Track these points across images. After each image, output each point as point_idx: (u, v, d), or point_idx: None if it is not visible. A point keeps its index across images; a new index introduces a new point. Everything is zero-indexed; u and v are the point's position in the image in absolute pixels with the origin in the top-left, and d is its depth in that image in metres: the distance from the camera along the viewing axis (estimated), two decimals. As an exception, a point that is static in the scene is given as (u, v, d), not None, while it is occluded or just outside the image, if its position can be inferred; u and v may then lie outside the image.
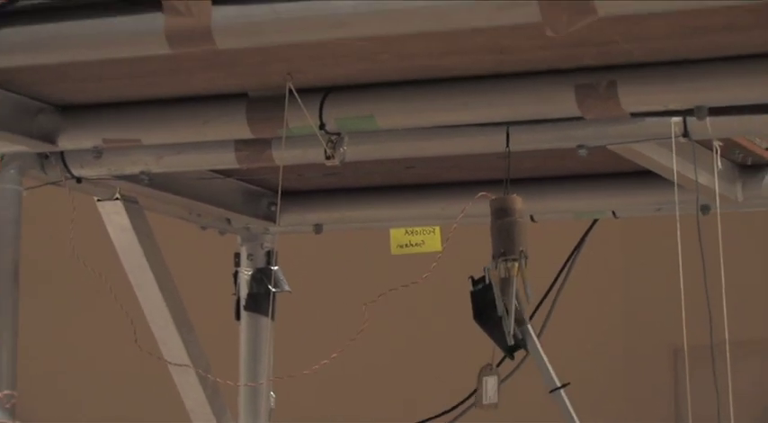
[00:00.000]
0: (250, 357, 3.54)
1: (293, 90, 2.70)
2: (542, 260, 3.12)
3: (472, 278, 3.43)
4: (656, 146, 2.93)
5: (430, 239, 3.40)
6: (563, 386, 3.53)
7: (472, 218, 3.04)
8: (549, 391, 3.56)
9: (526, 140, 2.87)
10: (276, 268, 3.54)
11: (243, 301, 3.56)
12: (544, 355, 3.54)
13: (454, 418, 3.47)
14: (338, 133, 2.80)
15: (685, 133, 2.85)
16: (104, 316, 3.30)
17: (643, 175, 3.18)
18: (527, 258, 2.88)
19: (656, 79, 2.67)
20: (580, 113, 2.69)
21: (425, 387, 3.85)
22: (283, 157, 2.93)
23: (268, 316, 3.53)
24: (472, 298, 3.45)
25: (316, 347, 3.22)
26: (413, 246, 3.41)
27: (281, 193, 3.29)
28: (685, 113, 2.78)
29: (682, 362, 2.75)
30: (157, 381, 3.54)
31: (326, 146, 2.81)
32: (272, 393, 3.53)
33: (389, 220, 3.50)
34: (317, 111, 2.76)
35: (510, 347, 3.45)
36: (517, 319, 3.31)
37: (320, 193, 3.53)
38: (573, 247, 3.45)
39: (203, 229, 3.57)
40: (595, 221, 3.46)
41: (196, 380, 3.34)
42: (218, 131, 2.89)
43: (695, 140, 2.92)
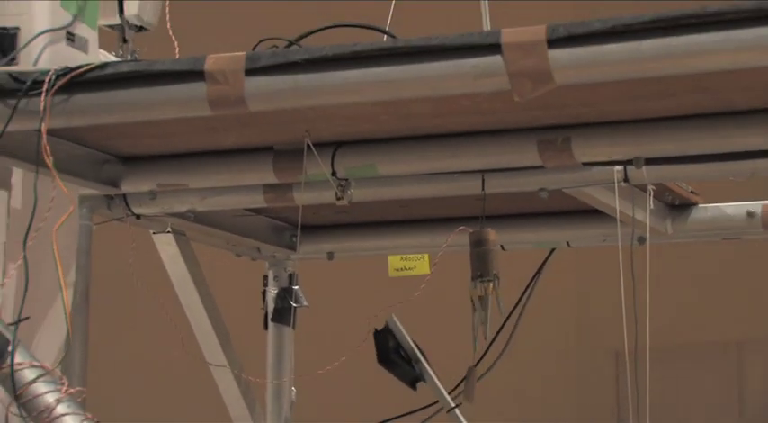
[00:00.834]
0: (275, 360, 3.53)
1: (311, 145, 2.67)
2: (511, 281, 3.10)
3: (376, 329, 3.49)
4: (603, 189, 2.92)
5: (420, 264, 3.40)
6: (456, 406, 3.53)
7: (455, 247, 3.01)
8: (447, 411, 3.55)
9: (498, 185, 2.87)
10: (297, 288, 3.53)
11: (270, 315, 3.54)
12: (438, 383, 3.57)
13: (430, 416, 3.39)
14: (346, 179, 2.77)
15: (625, 179, 2.83)
16: (155, 327, 3.24)
17: (591, 213, 3.16)
18: (499, 279, 2.84)
19: (602, 136, 2.66)
20: (541, 163, 2.67)
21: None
22: (302, 198, 2.93)
23: (290, 326, 3.53)
24: (375, 343, 3.52)
25: (329, 351, 3.17)
26: (407, 269, 3.42)
27: (300, 227, 3.27)
28: (626, 163, 2.77)
29: (623, 365, 2.71)
30: (200, 382, 3.46)
31: (337, 189, 2.78)
32: (293, 388, 3.50)
33: (388, 249, 3.49)
34: (329, 161, 2.73)
35: (412, 381, 3.52)
36: (414, 359, 3.48)
37: (332, 227, 3.53)
38: (535, 271, 3.43)
39: (238, 256, 3.54)
40: (553, 250, 3.42)
41: (232, 378, 3.33)
42: (250, 178, 2.89)
43: (633, 185, 2.92)
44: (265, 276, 3.58)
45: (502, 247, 3.04)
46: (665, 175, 2.91)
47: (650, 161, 2.71)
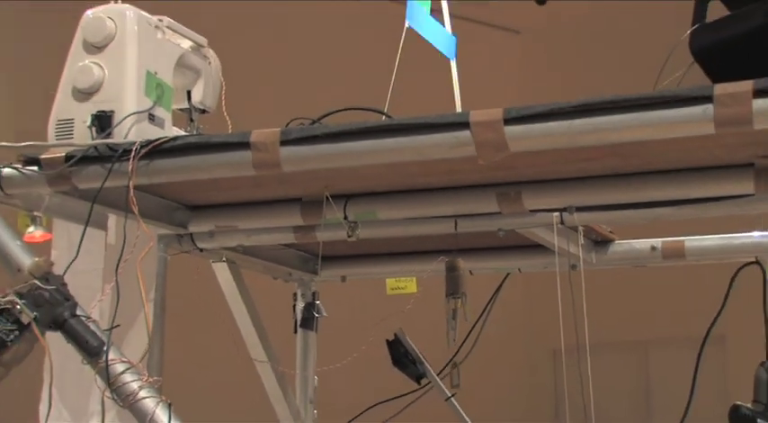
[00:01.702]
0: (302, 356, 3.53)
1: (329, 197, 2.68)
2: (476, 297, 3.11)
3: (388, 340, 3.48)
4: (545, 229, 2.89)
5: (410, 285, 3.38)
6: (452, 396, 3.48)
7: (435, 272, 3.02)
8: (445, 400, 3.50)
9: (467, 226, 2.85)
10: (318, 302, 3.54)
11: (298, 322, 3.54)
12: (438, 378, 3.49)
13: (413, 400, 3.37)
14: (355, 222, 2.76)
15: (562, 222, 2.80)
16: (214, 333, 3.22)
17: (537, 247, 3.12)
18: (466, 296, 2.85)
19: (545, 190, 2.66)
20: (499, 210, 2.68)
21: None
22: (322, 236, 2.93)
23: (314, 331, 3.54)
24: (389, 350, 3.48)
25: (343, 349, 3.18)
26: (400, 289, 3.39)
27: (320, 257, 3.29)
28: (562, 210, 2.76)
29: (560, 360, 2.68)
30: (247, 374, 3.45)
31: (348, 229, 2.77)
32: (315, 377, 3.54)
33: (386, 273, 3.46)
34: (342, 208, 2.73)
35: (417, 377, 3.48)
36: (418, 361, 3.45)
37: (344, 257, 3.52)
38: (495, 290, 3.39)
39: (274, 279, 3.53)
40: (508, 275, 3.40)
41: (271, 370, 3.33)
42: (284, 221, 2.89)
43: (567, 226, 2.89)
44: (295, 294, 3.57)
45: (470, 272, 3.05)
46: (590, 220, 2.91)
47: (580, 209, 2.71)
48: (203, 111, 3.00)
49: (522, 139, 2.23)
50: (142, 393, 2.35)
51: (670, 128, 2.12)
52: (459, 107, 3.07)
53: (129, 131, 2.64)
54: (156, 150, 2.50)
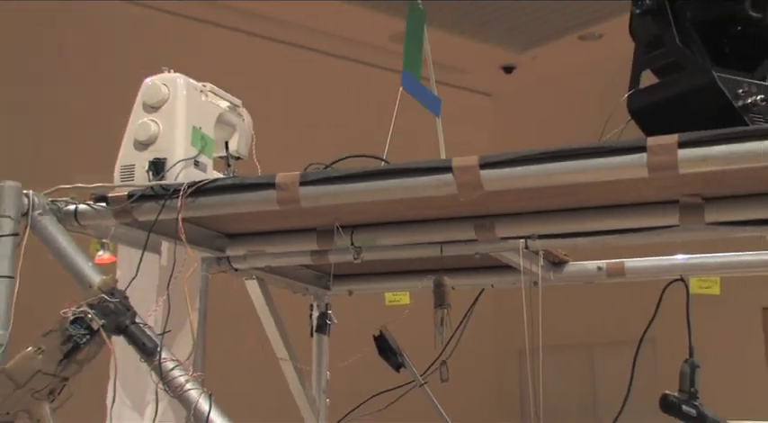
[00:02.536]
0: (317, 355, 3.50)
1: (338, 227, 2.67)
2: (457, 307, 3.05)
3: (374, 335, 3.42)
4: (513, 253, 2.87)
5: (404, 298, 3.36)
6: (425, 383, 3.43)
7: (425, 288, 3.01)
8: (419, 386, 3.42)
9: (450, 250, 2.82)
10: (330, 312, 3.51)
11: (314, 328, 3.51)
12: (414, 368, 3.44)
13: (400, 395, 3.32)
14: (359, 247, 2.74)
15: (527, 247, 2.78)
16: (246, 337, 3.21)
17: (506, 267, 3.12)
18: (450, 307, 2.83)
19: (513, 221, 2.63)
20: (476, 238, 2.66)
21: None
22: (333, 258, 2.92)
23: (326, 335, 3.51)
24: (376, 344, 3.43)
25: (350, 350, 3.17)
26: (396, 301, 3.37)
27: (332, 275, 3.33)
28: (527, 238, 2.73)
29: (524, 359, 2.67)
30: (273, 370, 3.41)
31: (354, 253, 2.75)
32: (327, 372, 3.50)
33: (385, 288, 3.43)
34: (349, 236, 2.70)
35: (397, 367, 3.44)
36: (398, 353, 3.41)
37: (351, 275, 3.48)
38: (472, 302, 3.34)
39: (295, 293, 3.49)
40: (483, 290, 3.37)
41: (292, 367, 3.29)
42: (303, 246, 2.85)
43: (531, 250, 2.88)
44: (311, 305, 3.54)
45: (452, 287, 2.99)
46: (549, 245, 2.88)
47: (541, 236, 2.70)
48: (238, 158, 3.00)
49: (495, 180, 2.23)
50: (188, 386, 2.33)
51: (613, 172, 2.12)
52: (443, 154, 3.07)
53: (179, 175, 2.65)
54: (200, 190, 2.50)
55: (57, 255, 2.56)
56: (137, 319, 2.35)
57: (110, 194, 2.62)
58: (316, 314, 3.53)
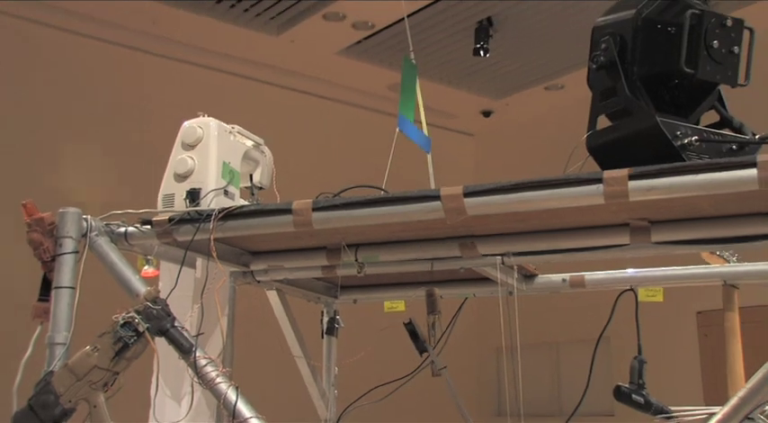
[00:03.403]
0: (327, 353, 3.44)
1: (345, 246, 2.66)
2: (446, 313, 3.04)
3: (404, 322, 3.28)
4: (492, 267, 2.85)
5: (400, 306, 3.33)
6: (443, 367, 3.19)
7: (418, 297, 3.03)
8: (439, 370, 3.18)
9: (439, 265, 2.79)
10: (338, 317, 3.45)
11: (324, 330, 3.45)
12: (435, 354, 3.22)
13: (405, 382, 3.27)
14: (363, 263, 2.72)
15: (503, 263, 2.76)
16: (268, 339, 3.17)
17: (486, 280, 3.09)
18: (441, 313, 2.86)
19: (492, 241, 2.61)
20: (461, 255, 2.64)
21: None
22: (340, 272, 2.87)
23: (335, 336, 3.46)
24: (407, 330, 3.23)
25: (354, 349, 3.14)
26: (393, 308, 3.34)
27: (339, 286, 3.30)
28: (503, 255, 2.72)
29: (501, 355, 2.67)
30: (290, 368, 3.37)
31: (358, 268, 2.73)
32: (335, 368, 3.45)
33: (384, 297, 3.38)
34: (354, 253, 2.69)
35: (421, 351, 3.20)
36: (423, 339, 3.18)
37: (355, 286, 3.43)
38: (457, 308, 3.26)
39: (308, 301, 3.45)
40: (467, 298, 3.30)
41: (306, 364, 3.27)
42: (314, 262, 2.82)
43: (507, 265, 2.85)
44: (322, 311, 3.51)
45: (441, 296, 3.01)
46: (522, 261, 2.86)
47: (515, 254, 2.69)
48: (260, 188, 3.00)
49: (476, 206, 2.23)
50: (219, 380, 2.32)
51: (575, 199, 2.13)
52: (432, 185, 3.06)
53: (211, 202, 2.66)
54: (229, 215, 2.50)
55: (109, 269, 2.56)
56: (176, 323, 2.34)
57: (154, 219, 2.62)
58: (326, 319, 3.50)
